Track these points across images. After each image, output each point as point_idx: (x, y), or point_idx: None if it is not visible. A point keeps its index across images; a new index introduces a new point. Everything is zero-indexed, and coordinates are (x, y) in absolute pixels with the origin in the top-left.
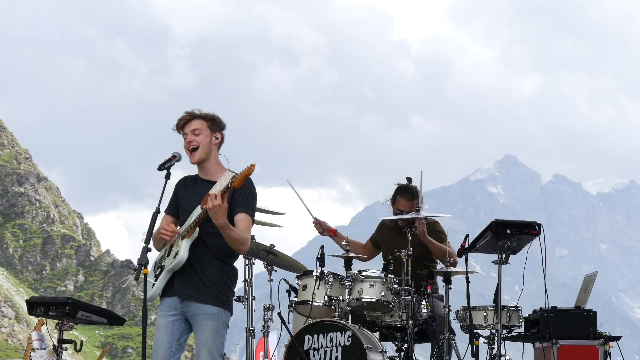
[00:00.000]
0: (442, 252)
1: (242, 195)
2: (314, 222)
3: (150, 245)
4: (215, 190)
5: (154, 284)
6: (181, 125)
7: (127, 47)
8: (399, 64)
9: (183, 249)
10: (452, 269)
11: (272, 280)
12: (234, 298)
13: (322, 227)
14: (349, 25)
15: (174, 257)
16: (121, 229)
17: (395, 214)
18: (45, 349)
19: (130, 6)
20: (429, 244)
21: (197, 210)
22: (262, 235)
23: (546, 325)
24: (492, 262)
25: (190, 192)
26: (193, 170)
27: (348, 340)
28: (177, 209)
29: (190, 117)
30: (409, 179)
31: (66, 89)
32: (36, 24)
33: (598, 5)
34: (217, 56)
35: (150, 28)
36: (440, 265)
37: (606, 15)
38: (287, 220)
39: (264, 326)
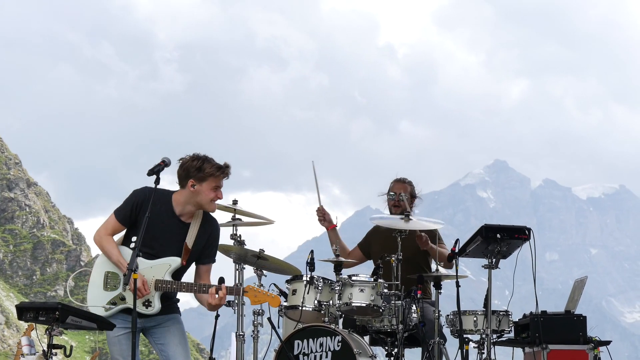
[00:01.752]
0: (442, 256)
1: (214, 246)
2: (318, 209)
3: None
4: (191, 239)
5: (105, 308)
6: (220, 177)
7: (113, 51)
8: (386, 69)
9: (157, 301)
10: (442, 271)
11: (262, 285)
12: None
13: (324, 217)
14: (336, 30)
15: (145, 305)
16: None
17: (390, 197)
18: (35, 354)
19: (114, 12)
20: (431, 251)
21: (176, 262)
22: (252, 241)
23: (536, 330)
24: (482, 266)
25: (163, 225)
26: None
27: (338, 345)
28: (132, 222)
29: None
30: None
31: (53, 93)
32: (20, 28)
33: (584, 10)
34: (205, 61)
35: (135, 33)
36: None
37: (592, 20)
38: (277, 225)
39: (253, 331)
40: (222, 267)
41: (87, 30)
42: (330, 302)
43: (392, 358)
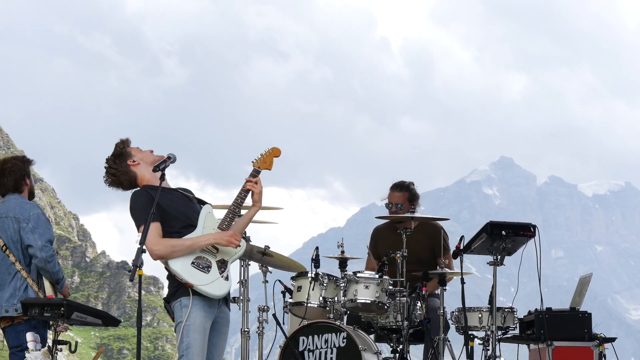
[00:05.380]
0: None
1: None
2: None
3: (144, 246)
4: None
5: (227, 277)
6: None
7: (110, 43)
8: (386, 65)
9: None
10: (447, 270)
11: (267, 281)
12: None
13: None
14: (336, 25)
15: (236, 247)
16: (112, 230)
17: (387, 207)
18: (40, 350)
19: (106, 6)
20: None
21: (209, 207)
22: (256, 237)
23: (541, 327)
24: (487, 263)
25: (173, 200)
26: (182, 171)
27: (343, 342)
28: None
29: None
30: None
31: (51, 87)
32: (12, 21)
33: (573, 6)
34: (206, 55)
35: (130, 28)
36: None
37: (582, 16)
38: (282, 222)
39: (259, 327)
40: None
41: (81, 25)
42: (335, 298)
43: (397, 354)
